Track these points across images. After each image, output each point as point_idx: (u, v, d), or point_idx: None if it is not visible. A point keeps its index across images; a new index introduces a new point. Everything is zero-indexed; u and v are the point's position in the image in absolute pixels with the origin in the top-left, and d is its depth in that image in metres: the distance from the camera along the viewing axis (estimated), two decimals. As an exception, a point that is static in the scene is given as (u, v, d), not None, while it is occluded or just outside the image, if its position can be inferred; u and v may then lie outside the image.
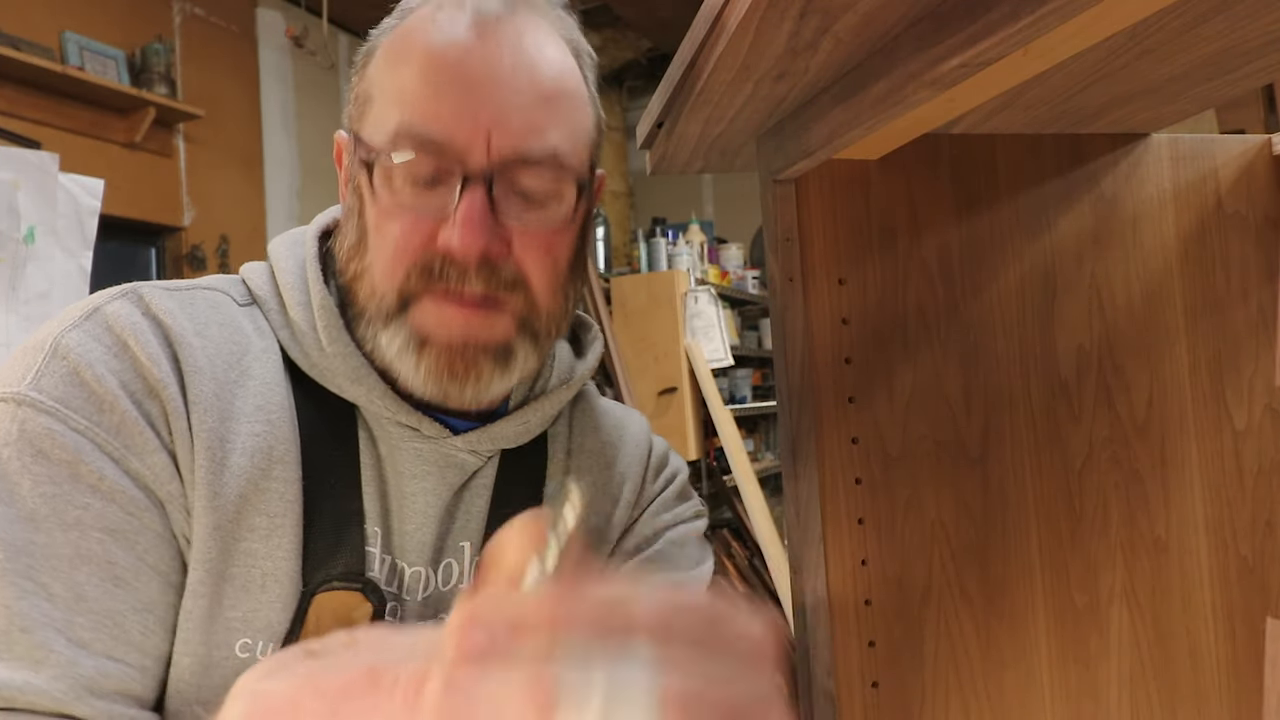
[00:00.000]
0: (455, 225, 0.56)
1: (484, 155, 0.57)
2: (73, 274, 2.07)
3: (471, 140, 0.56)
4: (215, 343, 0.58)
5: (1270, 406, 0.78)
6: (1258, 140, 0.80)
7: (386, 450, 0.62)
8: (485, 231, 0.56)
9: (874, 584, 0.71)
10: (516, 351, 0.60)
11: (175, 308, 0.58)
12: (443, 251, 0.57)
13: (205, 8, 3.65)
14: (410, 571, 0.61)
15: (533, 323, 0.60)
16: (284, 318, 0.62)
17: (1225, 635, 0.76)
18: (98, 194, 2.14)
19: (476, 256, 0.56)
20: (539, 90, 0.59)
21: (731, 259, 4.62)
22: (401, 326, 0.58)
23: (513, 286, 0.59)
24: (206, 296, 0.62)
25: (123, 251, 3.35)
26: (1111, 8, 0.39)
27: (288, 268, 0.64)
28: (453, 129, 0.56)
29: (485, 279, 0.57)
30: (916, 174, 0.74)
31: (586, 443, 0.72)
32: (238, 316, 0.62)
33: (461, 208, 0.56)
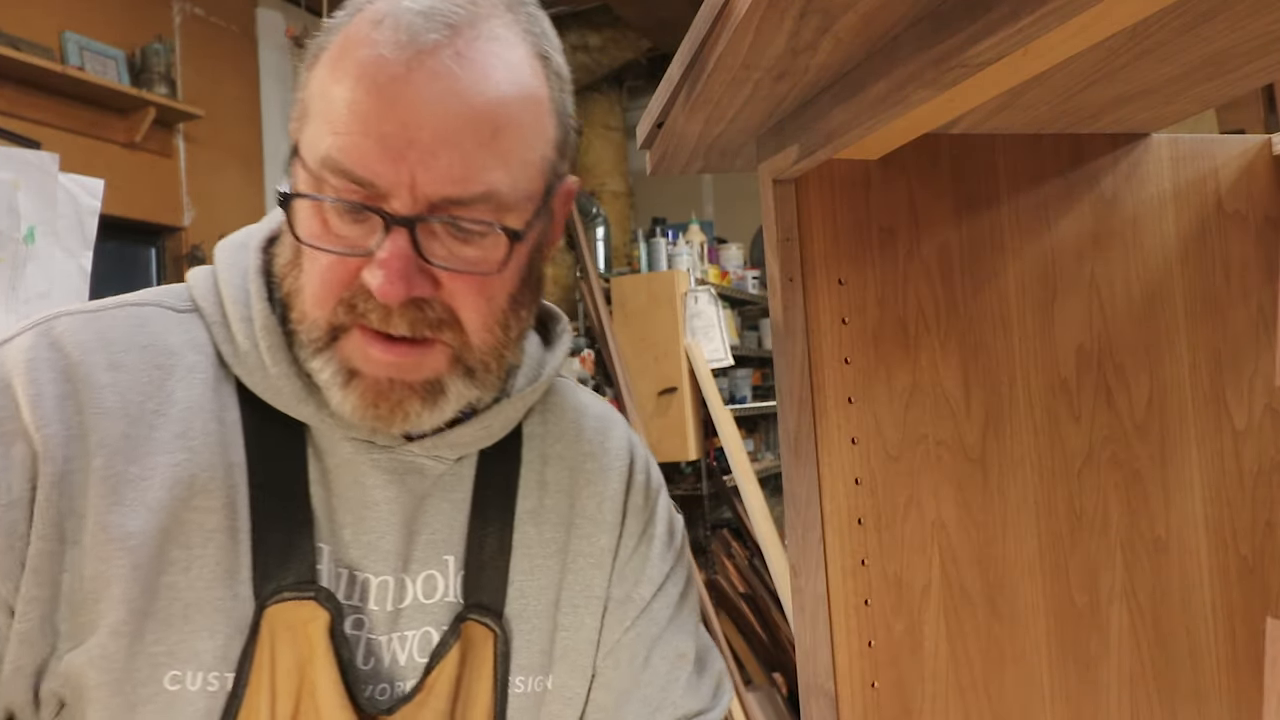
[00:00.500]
0: (375, 269, 0.54)
1: (409, 198, 0.54)
2: (73, 274, 2.07)
3: (396, 183, 0.53)
4: (132, 373, 0.57)
5: (1270, 406, 0.78)
6: (1258, 140, 0.80)
7: (341, 459, 0.60)
8: (406, 278, 0.54)
9: (873, 584, 0.71)
10: (448, 388, 0.58)
11: (90, 339, 0.57)
12: (367, 290, 0.55)
13: (205, 8, 3.65)
14: (377, 582, 0.60)
15: (466, 359, 0.59)
16: (227, 332, 0.60)
17: (1225, 635, 0.76)
18: (98, 194, 2.14)
19: (396, 302, 0.54)
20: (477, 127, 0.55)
21: (731, 259, 4.62)
22: (331, 358, 0.57)
23: (440, 326, 0.57)
24: (133, 315, 0.60)
25: (123, 251, 3.35)
26: (1111, 8, 0.39)
27: (230, 279, 0.62)
28: (377, 169, 0.53)
29: (410, 320, 0.55)
30: (916, 174, 0.74)
31: (565, 453, 0.70)
32: (166, 332, 0.60)
33: (382, 253, 0.54)
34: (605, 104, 4.97)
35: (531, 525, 0.67)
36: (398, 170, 0.54)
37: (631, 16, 4.29)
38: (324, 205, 0.55)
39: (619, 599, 0.70)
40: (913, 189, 0.74)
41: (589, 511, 0.70)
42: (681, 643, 0.72)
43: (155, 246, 3.48)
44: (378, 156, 0.54)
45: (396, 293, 0.54)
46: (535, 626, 0.65)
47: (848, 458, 0.71)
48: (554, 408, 0.72)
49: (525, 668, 0.63)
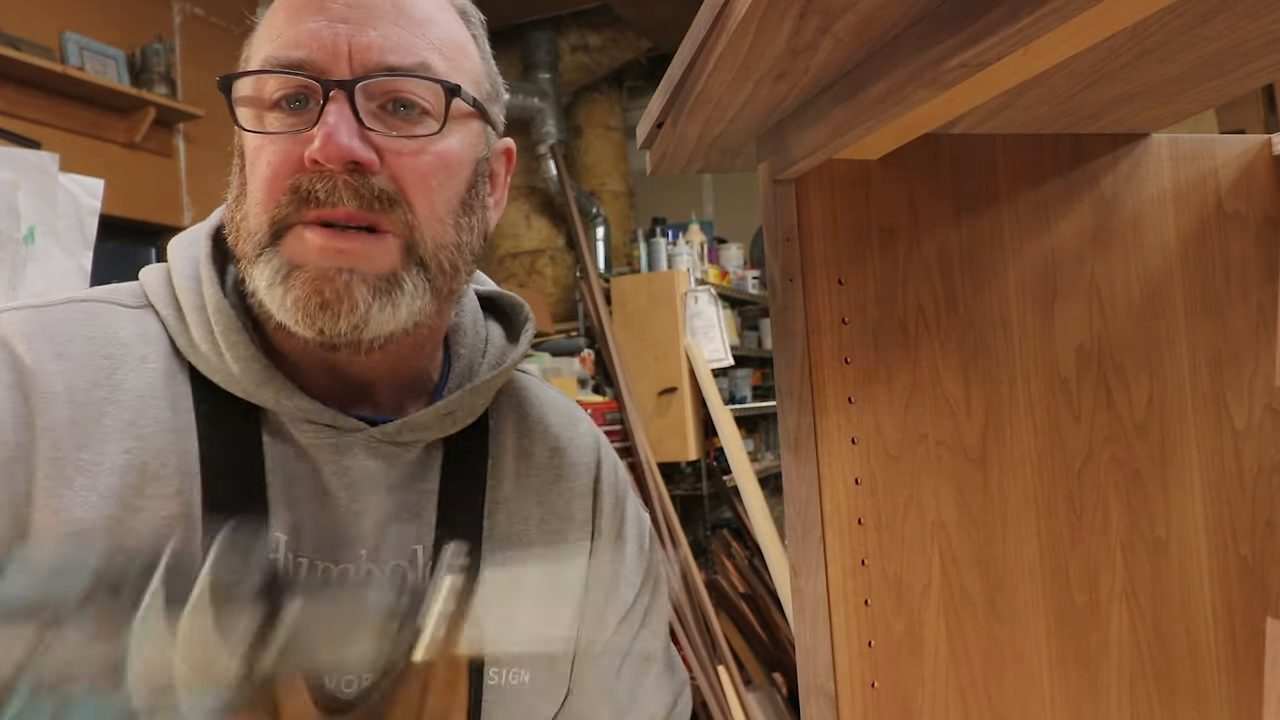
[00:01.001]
0: (317, 139, 0.54)
1: (345, 68, 0.55)
2: (73, 274, 2.07)
3: (332, 57, 0.55)
4: (78, 362, 0.56)
5: (1270, 406, 0.78)
6: (1258, 140, 0.80)
7: (301, 446, 0.60)
8: (347, 137, 0.54)
9: (874, 584, 0.71)
10: (403, 281, 0.57)
11: (34, 330, 0.56)
12: (310, 169, 0.54)
13: (205, 8, 3.65)
14: (337, 570, 0.59)
15: (418, 249, 0.58)
16: (181, 323, 0.60)
17: (1225, 635, 0.76)
18: (98, 194, 2.14)
19: (341, 163, 0.54)
20: (403, 17, 0.58)
21: (731, 259, 4.62)
22: (272, 256, 0.56)
23: (388, 203, 0.56)
24: (81, 309, 0.59)
25: (123, 251, 3.35)
26: (1111, 8, 0.39)
27: (182, 270, 0.62)
28: (311, 48, 0.55)
29: (355, 193, 0.55)
30: (916, 174, 0.74)
31: (532, 448, 0.70)
32: (116, 326, 0.59)
33: (322, 117, 0.54)
34: (605, 104, 4.97)
35: (501, 516, 0.66)
36: (333, 43, 0.55)
37: (631, 16, 4.29)
38: (263, 101, 0.57)
39: (597, 603, 0.70)
40: (913, 189, 0.74)
41: (558, 507, 0.70)
42: (652, 645, 0.73)
43: (155, 246, 3.48)
44: (311, 37, 0.56)
45: (338, 150, 0.53)
46: (508, 619, 0.64)
47: (848, 458, 0.71)
48: (521, 403, 0.72)
49: (500, 660, 0.63)
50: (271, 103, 0.57)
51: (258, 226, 0.56)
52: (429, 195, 0.58)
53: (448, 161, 0.59)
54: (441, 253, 0.59)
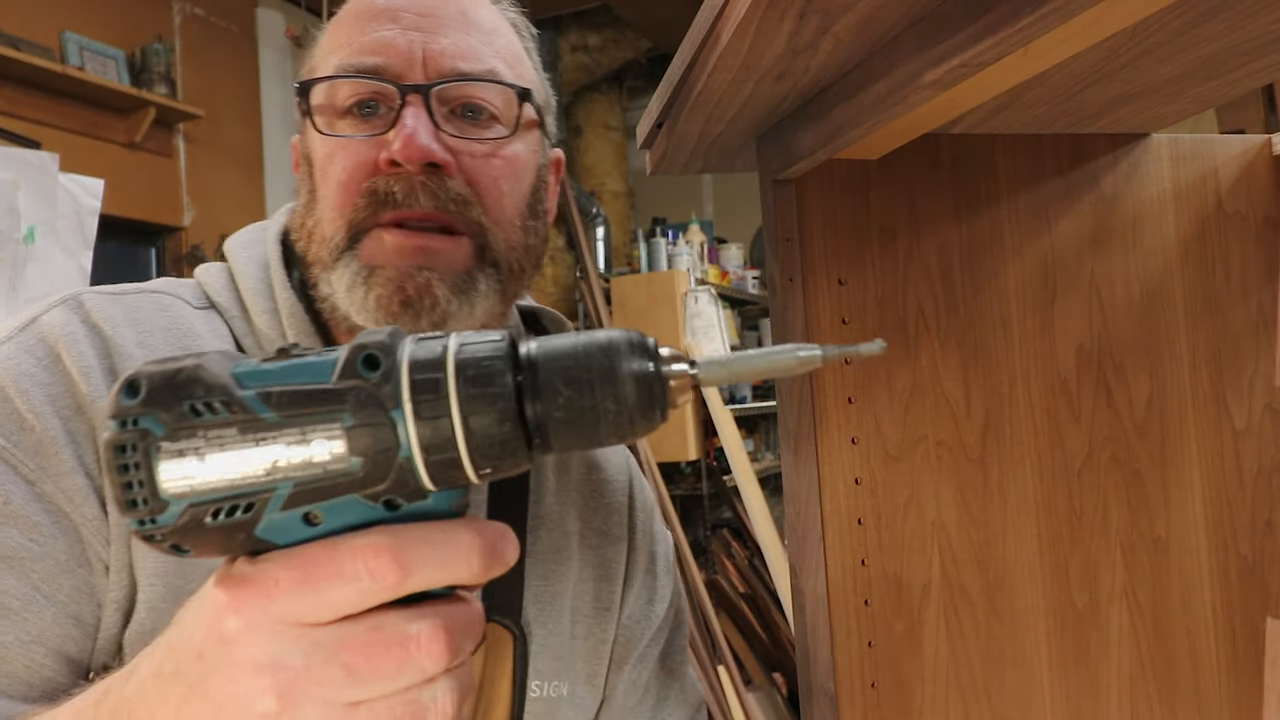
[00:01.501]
0: (397, 136, 0.55)
1: (420, 73, 0.57)
2: (73, 274, 2.07)
3: (407, 63, 0.57)
4: (157, 352, 0.56)
5: (1270, 406, 0.78)
6: (1258, 140, 0.80)
7: None
8: (426, 138, 0.55)
9: (874, 584, 0.71)
10: (478, 280, 0.58)
11: (118, 315, 0.56)
12: (387, 171, 0.55)
13: (205, 8, 3.65)
14: None
15: (492, 249, 0.58)
16: (247, 325, 0.60)
17: (1225, 635, 0.76)
18: (98, 194, 2.14)
19: (420, 164, 0.55)
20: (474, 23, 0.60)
21: (731, 259, 4.62)
22: (351, 260, 0.56)
23: (463, 204, 0.57)
24: (155, 300, 0.59)
25: (123, 251, 3.35)
26: (1111, 8, 0.39)
27: (249, 271, 0.62)
28: (387, 54, 0.57)
29: (432, 194, 0.55)
30: (916, 174, 0.74)
31: (573, 467, 0.71)
32: (191, 320, 0.59)
33: (401, 120, 0.55)
34: (605, 104, 4.96)
35: (544, 530, 0.67)
36: (408, 50, 0.57)
37: (631, 16, 4.29)
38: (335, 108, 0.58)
39: (636, 617, 0.71)
40: (913, 189, 0.74)
41: (595, 523, 0.70)
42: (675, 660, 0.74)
43: (155, 246, 3.48)
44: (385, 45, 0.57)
45: (419, 150, 0.54)
46: (551, 632, 0.65)
47: (848, 458, 0.71)
48: None
49: (541, 672, 0.63)
50: (344, 109, 0.58)
51: (334, 231, 0.57)
52: (500, 198, 0.59)
53: (516, 166, 0.60)
54: (512, 254, 0.60)
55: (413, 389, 0.30)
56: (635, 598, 0.71)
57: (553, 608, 0.65)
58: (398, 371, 0.31)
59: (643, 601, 0.71)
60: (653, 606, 0.72)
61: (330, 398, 0.30)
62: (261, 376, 0.31)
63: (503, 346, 0.32)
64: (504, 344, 0.32)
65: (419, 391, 0.30)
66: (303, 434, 0.30)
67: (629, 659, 0.70)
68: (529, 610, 0.63)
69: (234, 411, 0.30)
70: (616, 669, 0.70)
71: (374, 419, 0.30)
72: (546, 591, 0.65)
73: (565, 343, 0.33)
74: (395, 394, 0.30)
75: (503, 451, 0.31)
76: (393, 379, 0.30)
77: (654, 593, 0.72)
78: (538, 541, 0.66)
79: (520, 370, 0.32)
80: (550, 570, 0.66)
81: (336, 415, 0.30)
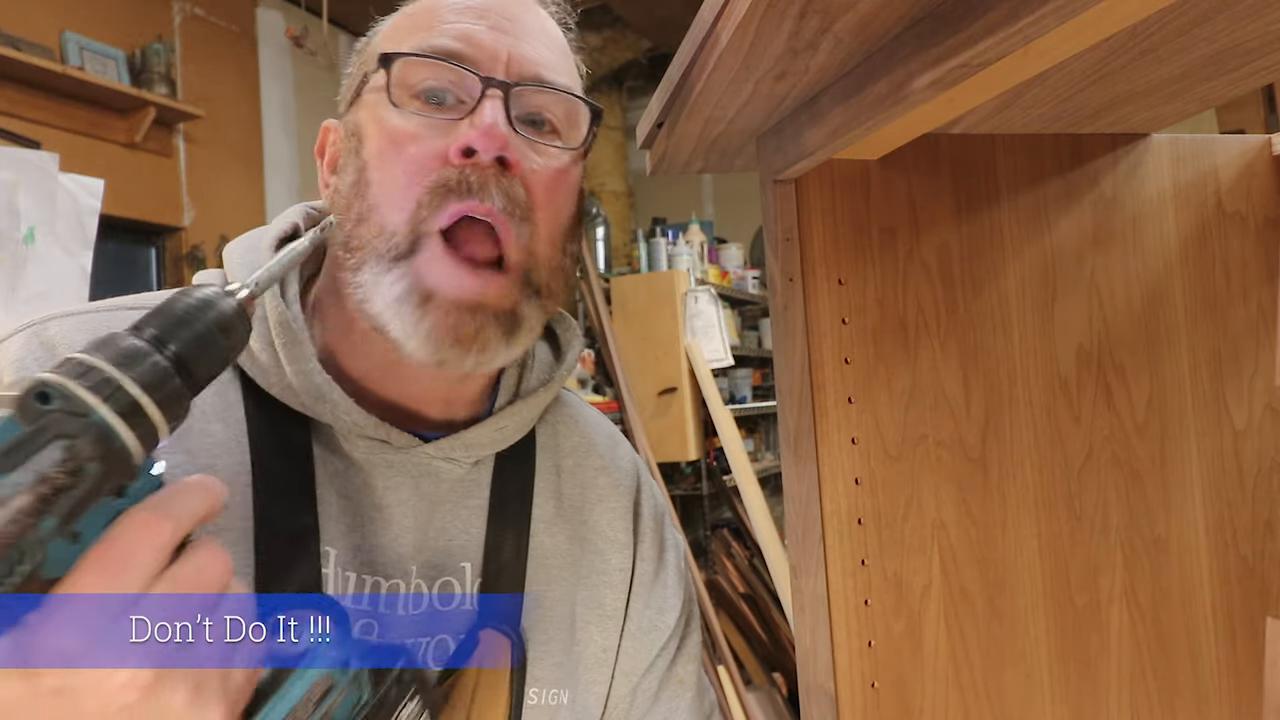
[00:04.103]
0: (475, 127, 0.54)
1: (503, 71, 0.57)
2: (73, 274, 2.07)
3: (492, 57, 0.56)
4: None
5: (1270, 406, 0.78)
6: (1258, 140, 0.80)
7: (354, 460, 0.59)
8: (505, 131, 0.54)
9: (873, 584, 0.71)
10: (523, 318, 0.57)
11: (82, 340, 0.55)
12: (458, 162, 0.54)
13: (205, 8, 3.65)
14: (387, 585, 0.58)
15: (534, 274, 0.58)
16: None
17: (1225, 635, 0.76)
18: (98, 194, 2.14)
19: (496, 153, 0.54)
20: (554, 40, 0.61)
21: (731, 259, 4.62)
22: (406, 273, 0.55)
23: (523, 212, 0.56)
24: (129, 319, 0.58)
25: (122, 251, 3.35)
26: (1111, 8, 0.39)
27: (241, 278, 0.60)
28: (472, 46, 0.56)
29: (504, 192, 0.55)
30: (916, 174, 0.74)
31: (576, 467, 0.70)
32: None
33: (482, 110, 0.54)
34: (605, 104, 4.96)
35: (546, 535, 0.66)
36: (494, 47, 0.57)
37: (631, 16, 4.29)
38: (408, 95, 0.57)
39: (645, 627, 0.70)
40: (913, 189, 0.74)
41: (600, 527, 0.69)
42: (686, 670, 0.73)
43: (155, 246, 3.48)
44: (471, 35, 0.57)
45: (497, 139, 0.54)
46: (551, 638, 0.64)
47: (848, 458, 0.71)
48: (565, 420, 0.72)
49: (540, 680, 0.62)
50: (414, 93, 0.57)
51: (395, 226, 0.55)
52: (552, 214, 0.58)
53: (569, 185, 0.60)
54: (552, 277, 0.60)
55: (92, 390, 0.35)
56: (644, 607, 0.70)
57: (553, 614, 0.64)
58: (69, 390, 0.35)
59: (652, 612, 0.71)
60: (662, 616, 0.71)
61: (36, 438, 0.34)
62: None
63: (123, 332, 0.39)
64: (123, 331, 0.39)
65: (97, 390, 0.35)
66: (38, 476, 0.33)
67: (638, 669, 0.70)
68: (528, 616, 0.63)
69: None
70: (624, 678, 0.69)
71: (81, 428, 0.35)
72: (547, 597, 0.64)
73: (165, 307, 0.41)
74: (85, 403, 0.35)
75: (172, 394, 0.38)
76: (70, 396, 0.35)
77: (664, 602, 0.72)
78: (539, 547, 0.65)
79: (144, 337, 0.39)
80: (552, 576, 0.65)
81: (56, 443, 0.34)
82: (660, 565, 0.73)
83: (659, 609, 0.71)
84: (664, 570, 0.73)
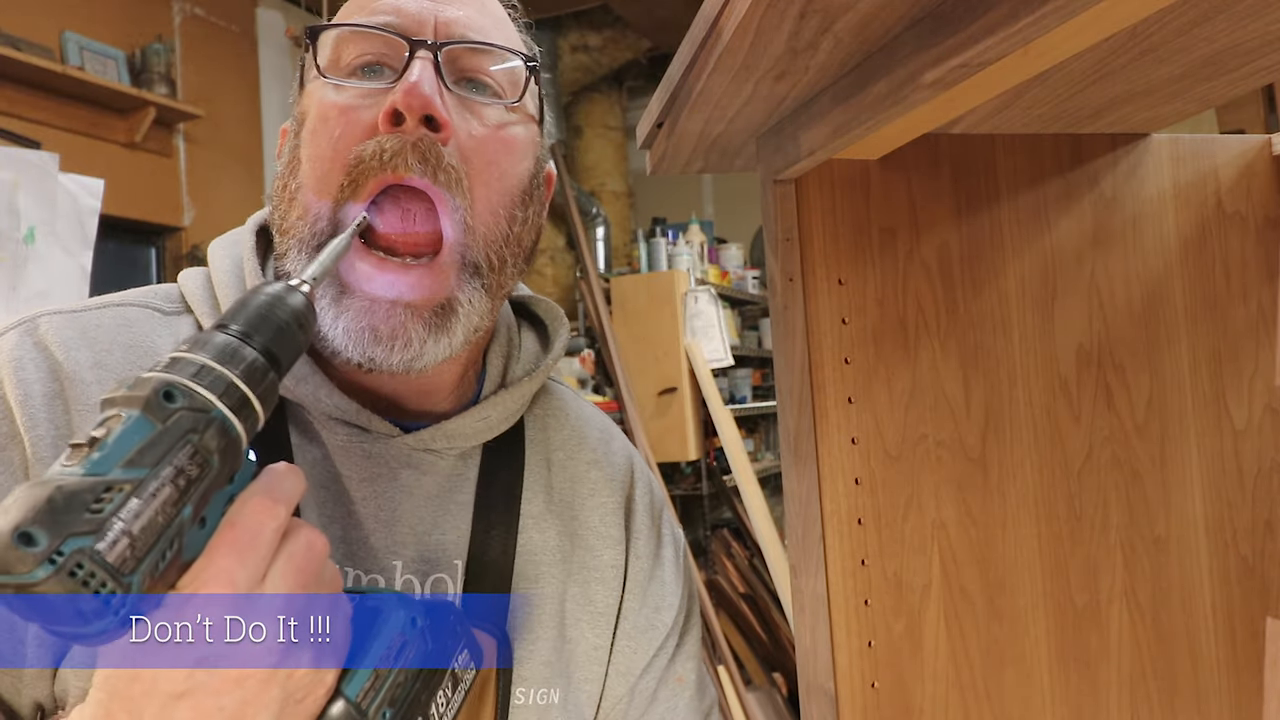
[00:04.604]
0: (400, 88, 0.53)
1: (431, 34, 0.56)
2: (73, 274, 2.07)
3: (418, 25, 0.56)
4: (116, 372, 0.55)
5: (1270, 406, 0.78)
6: (1258, 140, 0.80)
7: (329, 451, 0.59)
8: (430, 91, 0.53)
9: (873, 584, 0.71)
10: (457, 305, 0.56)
11: (73, 336, 0.55)
12: (385, 130, 0.53)
13: (205, 8, 3.65)
14: (367, 579, 0.58)
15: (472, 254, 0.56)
16: None
17: (1225, 635, 0.76)
18: (98, 194, 2.14)
19: (420, 113, 0.53)
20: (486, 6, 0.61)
21: (731, 259, 4.62)
22: None
23: (452, 182, 0.54)
24: (118, 315, 0.59)
25: (123, 251, 3.35)
26: (1111, 8, 0.39)
27: (224, 268, 0.61)
28: (397, 14, 0.56)
29: (422, 158, 0.53)
30: (916, 174, 0.74)
31: (567, 461, 0.69)
32: (153, 333, 0.59)
33: (408, 71, 0.54)
34: (605, 104, 4.97)
35: (535, 531, 0.65)
36: (418, 13, 0.57)
37: (631, 16, 4.29)
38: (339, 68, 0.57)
39: (641, 626, 0.69)
40: (913, 189, 0.74)
41: (592, 523, 0.68)
42: (686, 667, 0.72)
43: (155, 246, 3.48)
44: (396, 6, 0.57)
45: (421, 99, 0.53)
46: (539, 637, 0.63)
47: (848, 458, 0.71)
48: (555, 413, 0.71)
49: (528, 679, 0.61)
50: (348, 71, 0.57)
51: (319, 210, 0.55)
52: (490, 181, 0.57)
53: (513, 147, 0.59)
54: (491, 248, 0.58)
55: (209, 389, 0.40)
56: (640, 605, 0.69)
57: (542, 612, 0.63)
58: (190, 389, 0.39)
59: (648, 610, 0.70)
60: (659, 615, 0.70)
61: (169, 435, 0.38)
62: (108, 458, 0.37)
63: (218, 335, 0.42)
64: (217, 334, 0.42)
65: (212, 388, 0.40)
66: (175, 469, 0.38)
67: (635, 670, 0.69)
68: (515, 614, 0.62)
69: (120, 488, 0.36)
70: (620, 678, 0.68)
71: (205, 423, 0.39)
72: (535, 595, 0.63)
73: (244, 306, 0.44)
74: (204, 399, 0.39)
75: (270, 387, 0.43)
76: (191, 395, 0.39)
77: (661, 600, 0.71)
78: (528, 544, 0.64)
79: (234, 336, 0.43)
80: (541, 573, 0.64)
81: (188, 439, 0.38)
82: (657, 562, 0.72)
83: (655, 607, 0.70)
84: (661, 567, 0.72)
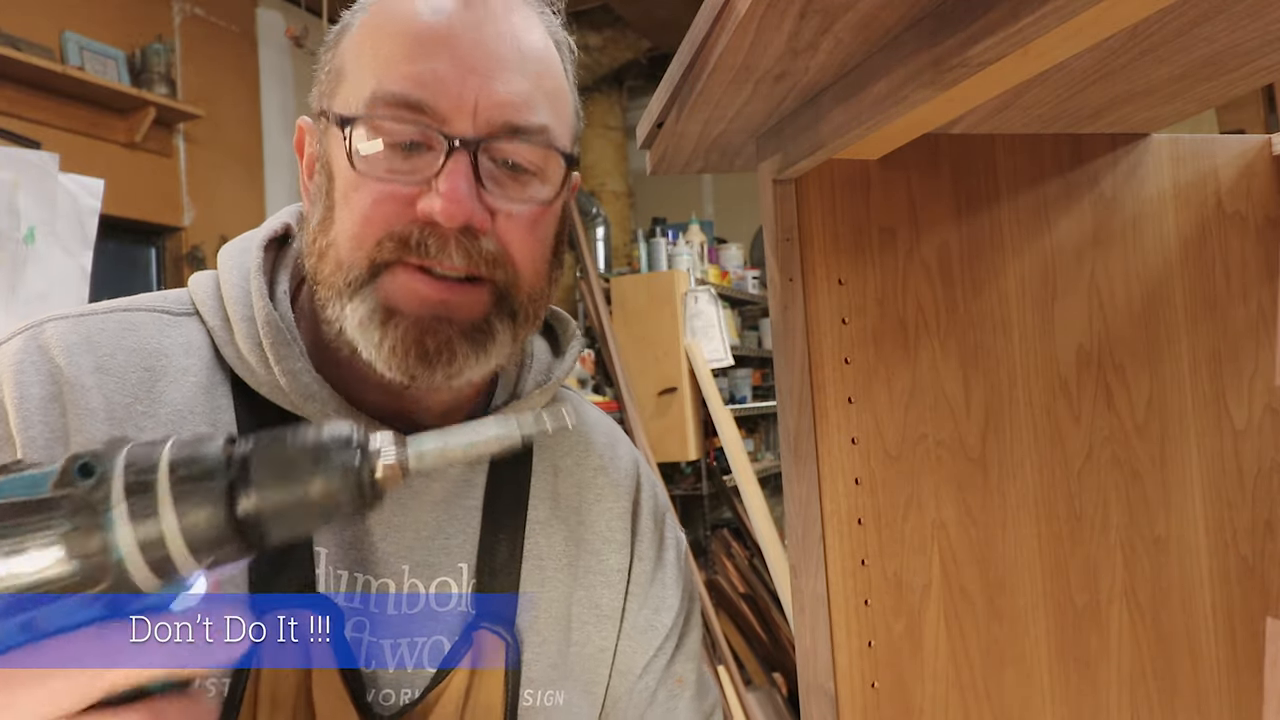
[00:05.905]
0: (438, 194, 0.53)
1: (470, 123, 0.54)
2: (73, 274, 2.07)
3: (458, 106, 0.54)
4: (118, 376, 0.56)
5: (1270, 406, 0.78)
6: (1258, 140, 0.80)
7: None
8: (470, 202, 0.53)
9: (873, 584, 0.71)
10: (495, 331, 0.57)
11: (78, 342, 0.56)
12: (422, 221, 0.54)
13: (205, 8, 3.65)
14: (377, 584, 0.58)
15: (512, 300, 0.57)
16: (228, 333, 0.59)
17: (1225, 635, 0.76)
18: (98, 194, 2.14)
19: (459, 225, 0.53)
20: (527, 65, 0.57)
21: (731, 259, 4.62)
22: (368, 296, 0.54)
23: (494, 263, 0.55)
24: (123, 320, 0.59)
25: (122, 251, 3.35)
26: (1111, 8, 0.39)
27: (233, 280, 0.61)
28: (437, 93, 0.54)
29: (465, 253, 0.54)
30: (916, 174, 0.74)
31: (574, 467, 0.70)
32: (160, 336, 0.59)
33: (445, 175, 0.53)
34: (605, 104, 4.97)
35: (542, 536, 0.66)
36: (460, 93, 0.54)
37: (631, 16, 4.29)
38: (370, 143, 0.54)
39: (641, 627, 0.70)
40: (913, 189, 0.74)
41: (598, 528, 0.69)
42: (686, 668, 0.73)
43: (155, 246, 3.48)
44: (436, 80, 0.54)
45: (461, 213, 0.52)
46: (546, 639, 0.64)
47: (848, 458, 0.71)
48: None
49: (535, 681, 0.62)
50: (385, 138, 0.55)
51: (352, 263, 0.55)
52: (531, 252, 0.58)
53: (549, 223, 0.60)
54: (532, 303, 0.59)
55: (126, 491, 0.32)
56: (640, 607, 0.70)
57: (548, 615, 0.64)
58: (110, 476, 0.33)
59: (649, 611, 0.70)
60: (659, 616, 0.71)
61: (45, 506, 0.32)
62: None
63: (216, 447, 0.34)
64: (218, 445, 0.34)
65: (132, 494, 0.32)
66: (19, 543, 0.32)
67: (635, 669, 0.69)
68: (523, 617, 0.62)
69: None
70: (620, 678, 0.69)
71: (87, 522, 0.32)
72: (542, 598, 0.64)
73: (279, 441, 0.35)
74: (107, 499, 0.32)
75: (218, 545, 0.33)
76: (105, 484, 0.33)
77: (661, 601, 0.71)
78: (535, 548, 0.65)
79: (233, 468, 0.34)
80: (547, 577, 0.65)
81: (50, 523, 0.32)
82: (659, 564, 0.72)
83: (656, 608, 0.71)
84: (662, 569, 0.72)
